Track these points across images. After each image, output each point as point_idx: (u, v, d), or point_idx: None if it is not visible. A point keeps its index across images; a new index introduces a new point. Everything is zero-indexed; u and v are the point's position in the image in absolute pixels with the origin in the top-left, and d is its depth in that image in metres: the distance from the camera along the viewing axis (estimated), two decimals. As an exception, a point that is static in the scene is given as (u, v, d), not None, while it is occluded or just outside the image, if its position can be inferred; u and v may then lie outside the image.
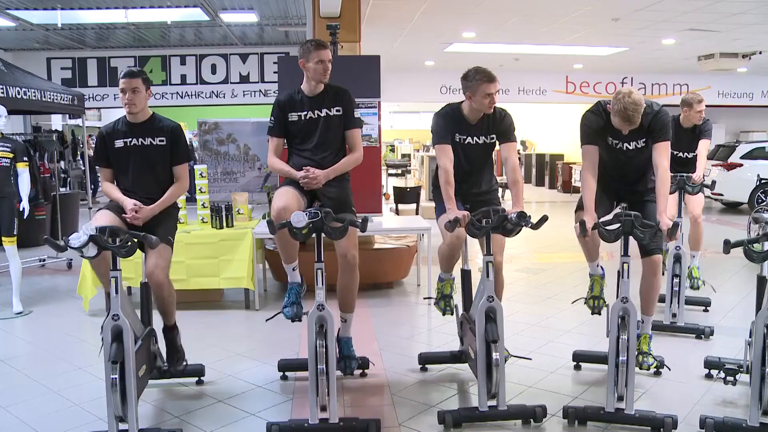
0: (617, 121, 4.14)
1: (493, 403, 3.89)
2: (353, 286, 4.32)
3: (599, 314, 4.70)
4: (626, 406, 3.87)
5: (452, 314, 4.79)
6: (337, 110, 4.33)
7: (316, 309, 3.73)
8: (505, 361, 4.14)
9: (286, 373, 4.64)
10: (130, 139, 4.26)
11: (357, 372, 4.63)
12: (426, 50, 13.45)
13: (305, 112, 4.31)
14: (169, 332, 4.35)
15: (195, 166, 6.75)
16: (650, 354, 4.51)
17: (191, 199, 6.82)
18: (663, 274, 5.53)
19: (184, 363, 4.41)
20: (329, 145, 4.34)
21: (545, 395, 4.28)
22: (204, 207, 6.79)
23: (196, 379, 4.56)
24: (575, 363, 4.82)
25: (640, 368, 4.42)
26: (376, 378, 4.66)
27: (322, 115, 4.31)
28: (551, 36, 11.54)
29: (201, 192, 6.82)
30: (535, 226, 3.91)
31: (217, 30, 11.77)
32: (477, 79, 4.19)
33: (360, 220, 3.79)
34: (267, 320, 4.43)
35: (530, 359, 4.78)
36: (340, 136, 4.38)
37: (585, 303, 4.81)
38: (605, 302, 4.58)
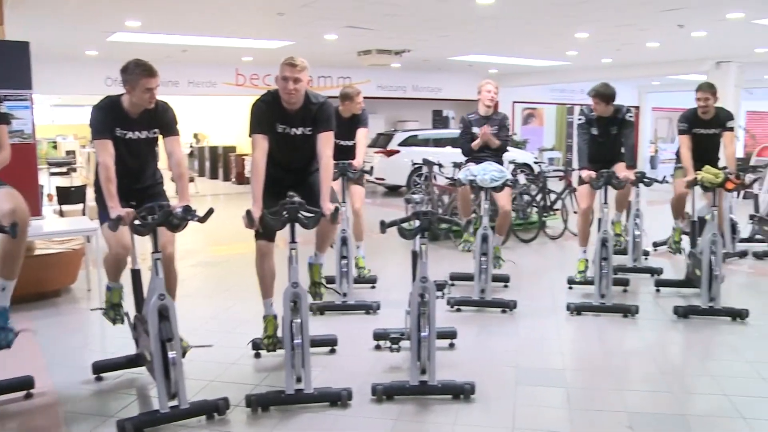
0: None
1: (174, 403, 3.80)
2: (19, 253, 3.93)
3: (275, 351, 4.68)
4: (305, 385, 4.05)
5: (122, 323, 4.59)
6: None
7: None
8: (184, 354, 4.08)
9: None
10: None
11: (21, 394, 4.20)
12: (87, 38, 12.54)
13: None
14: None
15: None
16: (322, 284, 4.78)
17: None
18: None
19: None
20: None
21: (228, 387, 4.29)
22: None
23: None
24: (255, 351, 4.90)
25: (314, 298, 4.67)
26: (44, 397, 4.25)
27: None
28: (219, 28, 11.49)
29: None
30: (202, 219, 3.89)
31: None
32: (137, 72, 4.05)
33: (9, 225, 3.44)
34: None
35: (211, 346, 4.75)
36: None
37: (260, 343, 4.73)
38: (279, 341, 4.54)
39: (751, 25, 10.78)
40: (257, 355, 4.88)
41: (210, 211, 3.92)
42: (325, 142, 4.47)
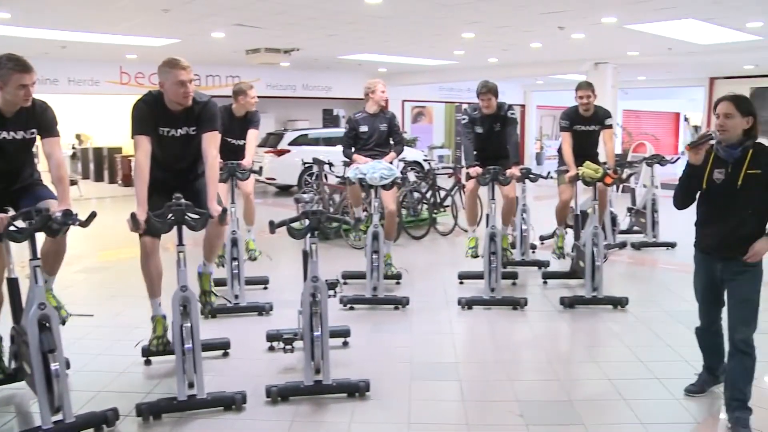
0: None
1: (58, 417, 3.63)
2: None
3: (164, 352, 4.59)
4: (198, 391, 3.97)
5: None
6: None
7: None
8: (63, 323, 4.01)
9: None
10: None
11: None
12: (-53, 30, 11.73)
13: None
14: None
15: None
16: (212, 292, 4.71)
17: None
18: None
19: None
20: None
21: (117, 397, 4.14)
22: None
23: None
24: (145, 358, 4.75)
25: (204, 308, 4.59)
26: None
27: None
28: (100, 24, 11.04)
29: None
30: (84, 224, 3.72)
31: None
32: (8, 67, 3.82)
33: None
34: None
35: (92, 315, 4.53)
36: None
37: (149, 345, 4.65)
38: (169, 341, 4.52)
39: (623, 29, 11.38)
40: (147, 362, 4.74)
41: (92, 215, 3.76)
42: (210, 142, 4.38)
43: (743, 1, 9.00)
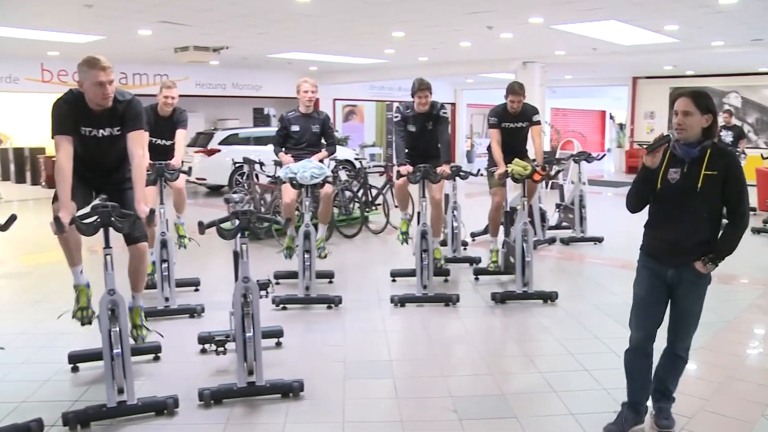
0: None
1: (-23, 430, 3.50)
2: None
3: (90, 324, 4.54)
4: (128, 396, 3.89)
5: None
6: None
7: None
8: None
9: None
10: None
11: None
12: None
13: None
14: None
15: None
16: (144, 326, 4.64)
17: None
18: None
19: None
20: None
21: (42, 407, 4.01)
22: None
23: None
24: (72, 365, 4.62)
25: (135, 342, 4.52)
26: None
27: None
28: (17, 18, 10.63)
29: None
30: (3, 227, 3.59)
31: None
32: None
33: None
34: None
35: (2, 348, 4.45)
36: None
37: (73, 316, 4.58)
38: (94, 312, 4.45)
39: (550, 29, 11.63)
40: (75, 369, 4.61)
41: (12, 218, 3.63)
42: (135, 141, 4.28)
43: (660, 3, 9.32)
